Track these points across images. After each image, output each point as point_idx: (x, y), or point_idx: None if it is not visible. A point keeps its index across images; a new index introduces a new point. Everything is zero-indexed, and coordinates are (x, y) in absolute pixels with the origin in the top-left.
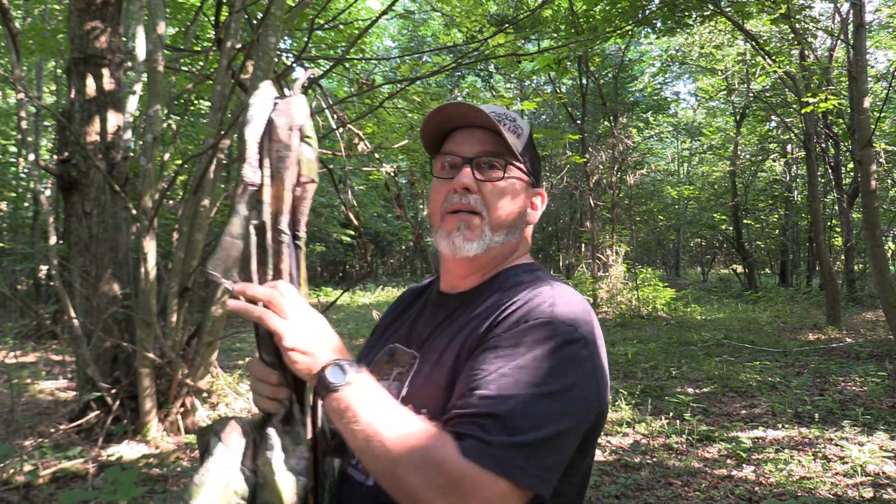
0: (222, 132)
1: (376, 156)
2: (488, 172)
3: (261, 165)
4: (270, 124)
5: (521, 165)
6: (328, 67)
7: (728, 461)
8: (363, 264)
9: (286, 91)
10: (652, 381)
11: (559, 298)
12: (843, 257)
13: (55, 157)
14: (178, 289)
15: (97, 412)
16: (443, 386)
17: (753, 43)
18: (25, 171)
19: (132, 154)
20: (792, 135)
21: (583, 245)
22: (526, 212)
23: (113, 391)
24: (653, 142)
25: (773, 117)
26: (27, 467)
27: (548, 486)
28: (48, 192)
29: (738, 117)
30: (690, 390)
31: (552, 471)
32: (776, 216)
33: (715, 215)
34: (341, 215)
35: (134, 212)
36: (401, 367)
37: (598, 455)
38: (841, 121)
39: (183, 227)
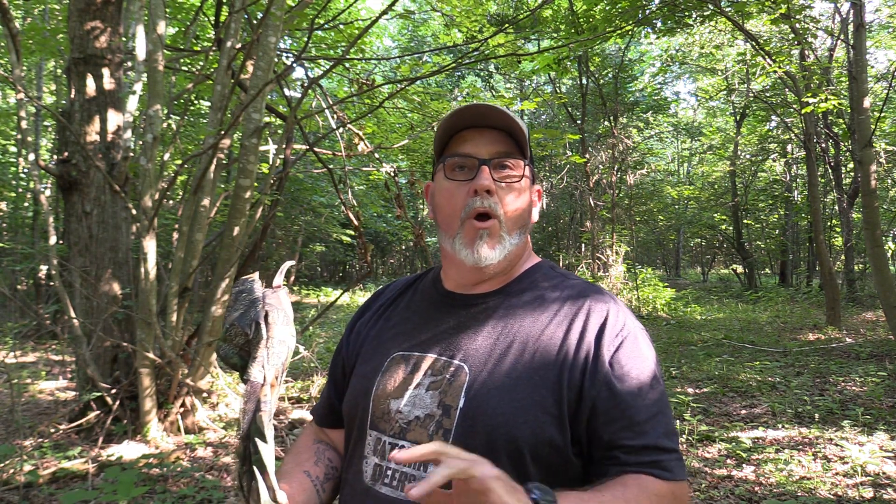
0: (222, 132)
1: (376, 156)
2: (503, 173)
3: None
4: (267, 318)
5: (528, 164)
6: (328, 67)
7: (728, 461)
8: (363, 264)
9: (278, 281)
10: None
11: (626, 309)
12: (843, 257)
13: (55, 157)
14: (178, 289)
15: (97, 412)
16: (538, 401)
17: (753, 43)
18: (25, 171)
19: (132, 154)
20: (792, 135)
21: (583, 245)
22: (531, 210)
23: (113, 391)
24: (653, 142)
25: (773, 117)
26: (27, 467)
27: None
28: (48, 192)
29: (738, 117)
30: (690, 390)
31: None
32: (776, 216)
33: (715, 215)
34: (341, 215)
35: (134, 212)
36: (434, 376)
37: None
38: (841, 121)
39: (183, 227)
